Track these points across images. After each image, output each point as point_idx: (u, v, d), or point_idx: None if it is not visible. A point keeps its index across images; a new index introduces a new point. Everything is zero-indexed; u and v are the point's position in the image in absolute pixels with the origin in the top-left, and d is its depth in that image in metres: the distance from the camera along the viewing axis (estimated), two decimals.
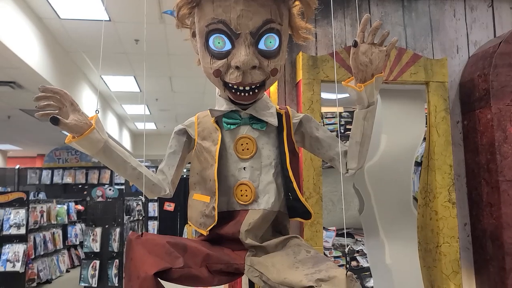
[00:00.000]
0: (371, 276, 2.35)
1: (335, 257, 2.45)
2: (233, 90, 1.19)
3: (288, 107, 1.36)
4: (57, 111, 1.10)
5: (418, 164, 2.52)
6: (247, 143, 1.23)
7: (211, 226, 1.18)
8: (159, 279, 1.04)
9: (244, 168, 1.22)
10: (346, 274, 0.96)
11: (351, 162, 1.26)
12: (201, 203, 1.23)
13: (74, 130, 1.10)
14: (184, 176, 9.11)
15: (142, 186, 1.23)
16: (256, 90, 1.20)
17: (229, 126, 1.24)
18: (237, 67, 1.13)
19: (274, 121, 1.24)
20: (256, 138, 1.24)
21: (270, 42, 1.16)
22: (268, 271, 1.10)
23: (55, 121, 1.05)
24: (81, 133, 1.11)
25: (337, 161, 1.30)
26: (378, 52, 1.15)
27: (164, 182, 1.28)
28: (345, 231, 1.15)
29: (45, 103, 1.08)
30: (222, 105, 1.26)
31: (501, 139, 1.94)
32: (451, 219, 1.96)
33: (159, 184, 1.27)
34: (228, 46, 1.15)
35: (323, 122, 2.55)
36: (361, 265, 2.56)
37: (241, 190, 1.21)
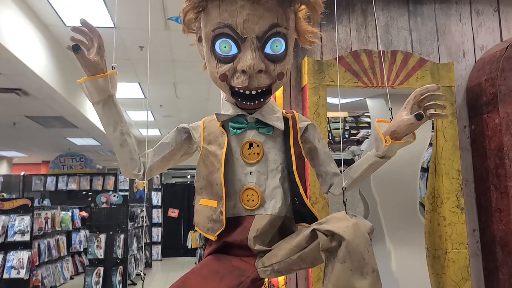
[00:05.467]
0: None
1: None
2: (239, 95, 1.18)
3: (294, 111, 1.35)
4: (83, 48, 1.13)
5: (424, 170, 2.50)
6: (253, 148, 1.22)
7: (219, 231, 1.17)
8: None
9: (251, 172, 1.21)
10: (345, 211, 1.03)
11: (335, 188, 1.30)
12: (208, 208, 1.22)
13: (88, 66, 1.14)
14: (188, 182, 9.11)
15: (121, 155, 1.24)
16: (262, 95, 1.19)
17: (235, 130, 1.23)
18: (243, 71, 1.13)
19: (280, 125, 1.23)
20: (263, 142, 1.22)
21: (276, 46, 1.16)
22: (277, 255, 1.10)
23: (76, 49, 1.09)
24: (94, 74, 1.15)
25: (323, 178, 1.33)
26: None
27: (141, 163, 1.28)
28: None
29: (79, 38, 1.13)
30: (228, 109, 1.25)
31: (510, 143, 1.91)
32: (460, 225, 1.93)
33: (136, 161, 1.26)
34: (234, 50, 1.14)
35: (329, 127, 2.54)
36: None
37: (247, 195, 1.19)
